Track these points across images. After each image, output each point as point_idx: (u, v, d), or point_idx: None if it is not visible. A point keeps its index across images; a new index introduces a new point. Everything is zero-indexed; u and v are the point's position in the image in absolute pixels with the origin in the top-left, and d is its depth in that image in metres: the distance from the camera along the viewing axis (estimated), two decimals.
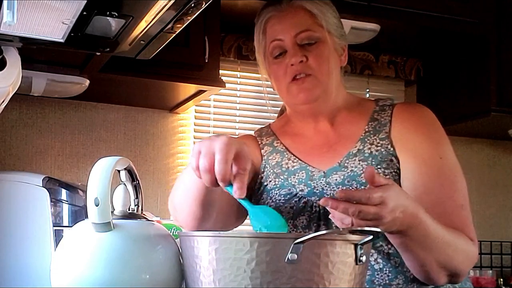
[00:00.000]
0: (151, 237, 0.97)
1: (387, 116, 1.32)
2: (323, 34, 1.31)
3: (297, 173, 1.33)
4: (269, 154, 1.39)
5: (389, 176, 1.24)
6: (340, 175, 1.28)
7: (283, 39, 1.32)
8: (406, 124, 1.30)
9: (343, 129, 1.34)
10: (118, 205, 1.01)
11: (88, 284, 0.91)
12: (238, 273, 0.85)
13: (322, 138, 1.36)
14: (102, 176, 0.92)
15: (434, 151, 1.26)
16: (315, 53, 1.30)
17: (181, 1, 1.16)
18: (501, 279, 2.97)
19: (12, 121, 2.35)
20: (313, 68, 1.30)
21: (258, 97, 2.75)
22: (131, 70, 2.05)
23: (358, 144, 1.30)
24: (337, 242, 0.86)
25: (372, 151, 1.28)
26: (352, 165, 1.27)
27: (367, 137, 1.30)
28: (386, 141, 1.28)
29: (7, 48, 1.30)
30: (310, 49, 1.30)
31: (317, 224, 1.27)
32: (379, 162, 1.26)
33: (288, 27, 1.32)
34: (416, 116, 1.31)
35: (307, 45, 1.31)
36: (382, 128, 1.30)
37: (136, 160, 2.45)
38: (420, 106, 1.36)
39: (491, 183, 3.07)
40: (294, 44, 1.31)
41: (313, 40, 1.31)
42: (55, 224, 1.47)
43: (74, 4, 1.13)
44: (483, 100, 2.58)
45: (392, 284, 1.21)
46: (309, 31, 1.31)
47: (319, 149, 1.34)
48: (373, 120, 1.32)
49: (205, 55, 2.16)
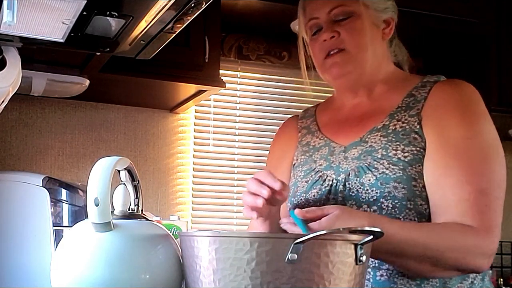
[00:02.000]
0: (151, 237, 0.97)
1: (425, 93, 1.27)
2: (357, 8, 1.30)
3: (321, 149, 1.35)
4: (303, 135, 1.43)
5: (407, 153, 1.21)
6: (358, 150, 1.27)
7: (318, 16, 1.33)
8: (439, 101, 1.25)
9: (378, 104, 1.33)
10: (118, 205, 1.01)
11: (88, 284, 0.91)
12: (238, 273, 0.85)
13: (357, 112, 1.36)
14: (102, 176, 0.92)
15: (463, 131, 1.21)
16: (347, 27, 1.30)
17: (181, 1, 1.15)
18: (501, 279, 2.97)
19: (12, 121, 2.35)
20: (345, 42, 1.30)
21: (258, 97, 2.75)
22: (131, 70, 2.05)
23: (385, 119, 1.28)
24: (337, 242, 0.86)
25: (397, 127, 1.25)
26: (373, 140, 1.26)
27: (398, 113, 1.27)
28: (415, 118, 1.24)
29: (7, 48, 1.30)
30: (343, 24, 1.30)
31: (326, 197, 1.28)
32: (400, 138, 1.23)
33: (323, 4, 1.32)
34: (451, 94, 1.26)
35: (341, 20, 1.31)
36: (416, 105, 1.26)
37: (136, 160, 2.45)
38: (461, 84, 1.29)
39: None
40: (328, 21, 1.31)
41: (347, 15, 1.30)
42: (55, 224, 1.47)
43: (74, 4, 1.13)
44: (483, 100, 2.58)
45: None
46: (342, 6, 1.30)
47: (350, 124, 1.35)
48: (409, 96, 1.29)
49: (205, 55, 2.16)
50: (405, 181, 1.20)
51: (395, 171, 1.20)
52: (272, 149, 1.52)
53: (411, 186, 1.20)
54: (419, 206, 1.20)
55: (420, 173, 1.20)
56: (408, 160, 1.21)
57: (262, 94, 2.75)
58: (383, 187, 1.20)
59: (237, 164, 2.70)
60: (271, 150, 1.53)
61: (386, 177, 1.21)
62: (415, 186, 1.20)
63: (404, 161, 1.21)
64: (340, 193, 1.26)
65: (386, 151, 1.23)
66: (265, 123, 2.75)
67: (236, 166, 2.70)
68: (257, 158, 2.71)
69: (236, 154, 2.70)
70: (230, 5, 2.29)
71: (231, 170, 2.69)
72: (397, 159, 1.21)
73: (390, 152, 1.23)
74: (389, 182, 1.20)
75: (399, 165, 1.21)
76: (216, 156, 2.66)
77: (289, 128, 1.49)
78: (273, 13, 2.33)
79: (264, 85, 2.76)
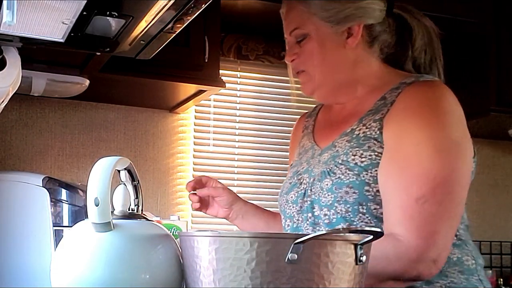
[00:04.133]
0: (151, 237, 0.97)
1: (395, 96, 1.25)
2: (309, 28, 1.31)
3: (308, 152, 1.39)
4: (303, 136, 1.47)
5: (365, 159, 1.21)
6: (328, 154, 1.29)
7: (286, 37, 1.38)
8: (402, 105, 1.22)
9: (357, 106, 1.33)
10: (118, 205, 1.01)
11: (88, 284, 0.91)
12: (238, 273, 0.85)
13: (341, 115, 1.37)
14: (102, 176, 0.92)
15: (413, 137, 1.17)
16: (304, 49, 1.33)
17: (181, 1, 1.16)
18: (501, 279, 2.98)
19: (12, 121, 2.35)
20: (304, 64, 1.34)
21: (258, 97, 2.75)
22: (131, 70, 2.05)
23: (354, 124, 1.28)
24: (337, 242, 0.86)
25: (360, 132, 1.25)
26: (340, 145, 1.28)
27: (366, 117, 1.27)
28: (377, 123, 1.23)
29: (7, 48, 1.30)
30: (302, 45, 1.33)
31: (301, 200, 1.30)
32: (360, 144, 1.23)
33: (287, 25, 1.36)
34: (414, 97, 1.22)
35: (300, 41, 1.33)
36: (382, 109, 1.25)
37: (136, 160, 2.45)
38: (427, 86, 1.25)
39: (491, 183, 3.07)
40: (291, 42, 1.36)
41: (303, 37, 1.32)
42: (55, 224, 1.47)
43: (74, 4, 1.13)
44: (483, 100, 2.59)
45: None
46: (297, 29, 1.33)
47: (332, 127, 1.37)
48: (381, 99, 1.27)
49: (205, 55, 2.16)
50: (357, 186, 1.20)
51: (349, 176, 1.21)
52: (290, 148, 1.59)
53: (363, 191, 1.20)
54: (372, 210, 1.20)
55: (375, 178, 1.20)
56: (364, 165, 1.21)
57: (262, 94, 2.75)
58: (337, 191, 1.22)
59: (237, 164, 2.70)
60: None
61: (340, 182, 1.22)
62: (368, 191, 1.20)
63: (360, 166, 1.21)
64: (309, 197, 1.29)
65: (346, 156, 1.24)
66: (265, 123, 2.75)
67: (236, 166, 2.70)
68: (257, 158, 2.71)
69: (236, 154, 2.70)
70: (230, 5, 2.29)
71: (231, 170, 2.69)
72: (354, 164, 1.22)
73: (350, 158, 1.23)
74: (342, 187, 1.21)
75: (355, 170, 1.21)
76: (216, 156, 2.66)
77: (297, 128, 1.55)
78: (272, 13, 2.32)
79: (264, 85, 2.76)
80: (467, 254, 1.25)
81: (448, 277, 1.21)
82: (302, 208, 1.30)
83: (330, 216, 1.23)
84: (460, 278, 1.22)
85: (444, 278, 1.21)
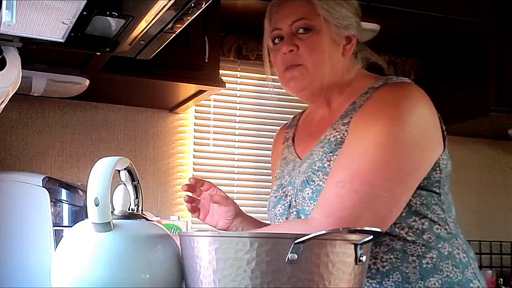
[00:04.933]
0: (151, 237, 0.97)
1: (363, 100, 1.25)
2: (318, 23, 1.30)
3: (289, 163, 1.38)
4: (284, 148, 1.46)
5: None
6: (307, 163, 1.29)
7: (281, 27, 1.33)
8: (366, 107, 1.23)
9: (331, 115, 1.34)
10: (118, 205, 1.01)
11: (88, 284, 0.91)
12: (238, 273, 0.85)
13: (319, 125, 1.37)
14: (102, 176, 0.93)
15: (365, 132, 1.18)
16: (307, 42, 1.30)
17: (181, 1, 1.16)
18: (501, 279, 2.98)
19: (12, 121, 2.35)
20: (303, 58, 1.30)
21: (258, 97, 2.75)
22: (131, 70, 2.05)
23: (328, 130, 1.29)
24: (337, 242, 0.86)
25: (331, 137, 1.26)
26: (315, 153, 1.28)
27: (337, 122, 1.28)
28: (345, 127, 1.24)
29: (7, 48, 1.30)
30: (303, 38, 1.30)
31: (288, 212, 1.31)
32: (333, 149, 1.24)
33: (286, 15, 1.32)
34: (378, 99, 1.23)
35: (302, 33, 1.31)
36: (351, 113, 1.26)
37: (136, 160, 2.45)
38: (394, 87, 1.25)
39: (491, 183, 3.07)
40: (289, 33, 1.32)
41: (308, 29, 1.30)
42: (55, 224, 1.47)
43: (74, 4, 1.13)
44: (483, 100, 2.59)
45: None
46: (304, 20, 1.30)
47: (311, 137, 1.36)
48: (352, 104, 1.28)
49: (205, 55, 2.16)
50: None
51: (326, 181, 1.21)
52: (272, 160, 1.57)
53: None
54: None
55: None
56: None
57: (262, 94, 2.75)
58: (317, 199, 1.21)
59: (237, 164, 2.70)
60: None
61: (319, 189, 1.22)
62: None
63: None
64: (294, 207, 1.29)
65: (322, 162, 1.24)
66: (265, 123, 2.75)
67: (236, 166, 2.70)
68: (257, 158, 2.71)
69: (236, 154, 2.70)
70: (230, 5, 2.29)
71: (231, 170, 2.69)
72: (330, 169, 1.22)
73: (325, 163, 1.23)
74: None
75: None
76: (216, 156, 2.66)
77: (277, 140, 1.53)
78: None
79: (264, 85, 2.75)
80: (458, 247, 1.25)
81: (443, 272, 1.21)
82: (289, 219, 1.31)
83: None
84: (455, 272, 1.22)
85: (439, 272, 1.21)
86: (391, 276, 1.20)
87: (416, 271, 1.20)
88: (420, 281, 1.20)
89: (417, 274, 1.20)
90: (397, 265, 1.20)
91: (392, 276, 1.20)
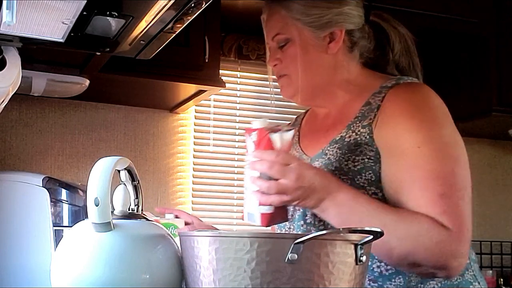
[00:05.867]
0: (151, 237, 0.97)
1: (379, 100, 1.26)
2: (291, 33, 1.32)
3: None
4: None
5: (358, 163, 1.22)
6: (319, 162, 1.29)
7: (268, 42, 1.38)
8: (390, 109, 1.23)
9: (342, 114, 1.33)
10: (118, 205, 1.01)
11: (88, 284, 0.91)
12: (238, 273, 0.85)
13: (326, 123, 1.37)
14: (102, 176, 0.92)
15: (412, 140, 1.18)
16: (286, 55, 1.33)
17: (181, 1, 1.16)
18: (501, 279, 2.98)
19: (12, 121, 2.35)
20: (286, 69, 1.34)
21: (258, 97, 2.75)
22: (131, 70, 2.05)
23: (343, 131, 1.28)
24: (337, 242, 0.86)
25: (351, 139, 1.25)
26: (331, 153, 1.28)
27: (354, 124, 1.27)
28: (366, 129, 1.24)
29: (7, 48, 1.30)
30: (284, 50, 1.34)
31: (293, 209, 1.31)
32: (352, 150, 1.24)
33: (268, 31, 1.37)
34: (402, 101, 1.24)
35: (282, 46, 1.34)
36: (369, 114, 1.25)
37: (136, 160, 2.45)
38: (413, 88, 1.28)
39: (491, 183, 3.07)
40: (273, 47, 1.36)
41: (285, 42, 1.33)
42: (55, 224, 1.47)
43: (74, 4, 1.13)
44: (484, 100, 2.59)
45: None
46: (279, 35, 1.34)
47: (318, 135, 1.37)
48: (366, 104, 1.28)
49: (205, 55, 2.16)
50: None
51: (344, 180, 1.21)
52: None
53: None
54: None
55: (370, 180, 1.21)
56: (358, 169, 1.22)
57: (262, 94, 2.75)
58: None
59: (237, 164, 2.70)
60: None
61: None
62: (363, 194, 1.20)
63: (354, 170, 1.22)
64: None
65: (339, 163, 1.25)
66: None
67: (236, 166, 2.70)
68: None
69: (236, 154, 2.70)
70: (230, 5, 2.29)
71: (231, 170, 2.69)
72: (348, 169, 1.22)
73: (342, 164, 1.24)
74: None
75: (349, 174, 1.22)
76: (216, 156, 2.66)
77: None
78: None
79: (264, 85, 2.75)
80: None
81: None
82: (294, 216, 1.31)
83: (325, 222, 1.23)
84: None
85: None
86: (393, 280, 1.21)
87: (417, 275, 1.20)
88: (420, 284, 1.20)
89: (418, 277, 1.20)
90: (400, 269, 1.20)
91: (394, 280, 1.20)
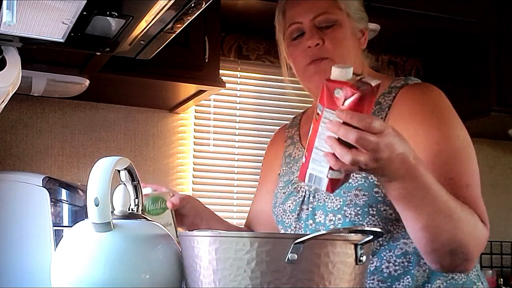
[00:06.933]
0: (151, 237, 0.97)
1: (390, 100, 1.26)
2: (341, 17, 1.31)
3: (299, 160, 1.37)
4: (288, 146, 1.45)
5: None
6: None
7: (302, 21, 1.32)
8: (403, 109, 1.23)
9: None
10: (118, 205, 1.01)
11: (88, 284, 0.91)
12: (238, 273, 0.85)
13: None
14: (102, 176, 0.92)
15: (430, 138, 1.18)
16: (332, 36, 1.30)
17: (181, 1, 1.16)
18: (501, 279, 2.98)
19: (12, 121, 2.35)
20: (329, 51, 1.30)
21: (258, 97, 2.75)
22: (131, 70, 2.05)
23: None
24: (338, 242, 0.86)
25: None
26: None
27: None
28: None
29: (7, 48, 1.30)
30: (327, 32, 1.31)
31: (300, 208, 1.30)
32: None
33: (307, 10, 1.32)
34: (416, 101, 1.24)
35: (324, 28, 1.31)
36: (380, 113, 1.25)
37: (136, 160, 2.45)
38: (426, 89, 1.28)
39: (491, 183, 3.07)
40: (312, 27, 1.31)
41: (331, 23, 1.31)
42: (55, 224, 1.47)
43: (74, 4, 1.13)
44: (483, 100, 2.59)
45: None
46: (326, 14, 1.31)
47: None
48: (376, 104, 1.27)
49: (205, 55, 2.16)
50: (367, 188, 1.20)
51: (358, 179, 1.21)
52: (264, 160, 1.57)
53: (373, 192, 1.20)
54: (382, 212, 1.20)
55: None
56: None
57: (262, 94, 2.75)
58: (346, 195, 1.21)
59: (237, 164, 2.70)
60: (263, 160, 1.58)
61: (348, 186, 1.21)
62: (377, 192, 1.20)
63: None
64: (311, 204, 1.29)
65: None
66: (265, 123, 2.75)
67: (236, 166, 2.69)
68: (257, 158, 2.71)
69: (236, 154, 2.70)
70: (230, 5, 2.29)
71: (231, 170, 2.69)
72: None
73: None
74: (351, 190, 1.21)
75: (362, 173, 1.20)
76: (216, 156, 2.66)
77: (277, 139, 1.52)
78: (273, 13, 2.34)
79: (264, 85, 2.76)
80: None
81: (449, 274, 1.21)
82: (300, 216, 1.30)
83: (335, 222, 1.23)
84: (459, 274, 1.22)
85: (444, 275, 1.21)
86: (401, 280, 1.21)
87: (424, 274, 1.20)
88: (427, 283, 1.20)
89: (424, 277, 1.20)
90: (409, 269, 1.20)
91: (403, 280, 1.20)
